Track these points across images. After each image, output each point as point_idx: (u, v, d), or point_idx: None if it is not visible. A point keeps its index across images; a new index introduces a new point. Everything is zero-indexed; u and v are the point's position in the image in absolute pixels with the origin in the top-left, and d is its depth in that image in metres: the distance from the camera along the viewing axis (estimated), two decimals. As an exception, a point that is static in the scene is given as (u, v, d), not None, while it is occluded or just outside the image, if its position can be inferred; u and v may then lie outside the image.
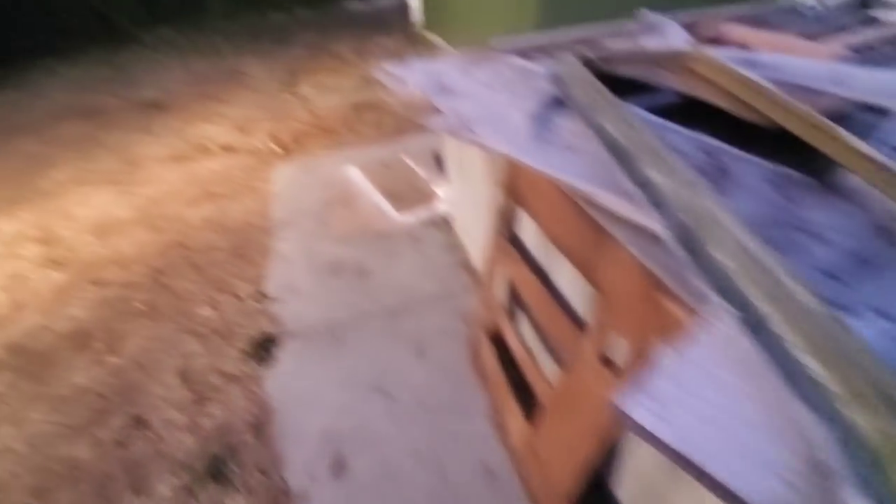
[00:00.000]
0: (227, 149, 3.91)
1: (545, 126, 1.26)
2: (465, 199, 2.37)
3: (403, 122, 4.04)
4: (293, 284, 2.37)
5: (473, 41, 5.13)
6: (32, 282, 2.50)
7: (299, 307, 2.23)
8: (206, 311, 2.22)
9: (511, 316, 1.68)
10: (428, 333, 2.05)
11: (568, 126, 1.26)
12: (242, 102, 4.82)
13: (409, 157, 3.40)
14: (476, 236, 2.28)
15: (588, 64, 1.45)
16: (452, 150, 2.43)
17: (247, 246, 2.68)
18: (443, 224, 2.71)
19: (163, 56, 7.37)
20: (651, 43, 1.76)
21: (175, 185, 3.35)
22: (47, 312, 2.28)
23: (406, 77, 1.96)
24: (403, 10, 8.28)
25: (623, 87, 1.35)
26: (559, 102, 1.37)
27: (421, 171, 3.21)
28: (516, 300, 1.66)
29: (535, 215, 1.36)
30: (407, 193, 2.99)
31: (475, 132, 1.29)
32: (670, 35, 1.81)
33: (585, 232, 1.12)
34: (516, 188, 1.45)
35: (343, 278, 2.39)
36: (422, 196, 2.95)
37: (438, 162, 3.32)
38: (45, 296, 2.39)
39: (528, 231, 1.47)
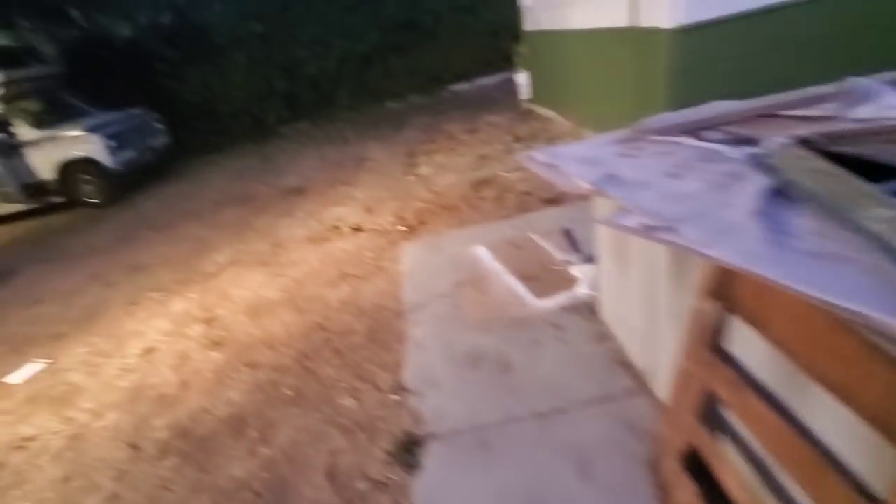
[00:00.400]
0: (358, 229, 4.15)
1: (778, 227, 1.04)
2: (618, 285, 2.14)
3: (524, 198, 4.00)
4: (431, 376, 2.27)
5: (592, 114, 5.13)
6: (195, 362, 2.72)
7: (440, 403, 2.11)
8: (348, 402, 2.19)
9: (713, 439, 1.37)
10: (589, 446, 1.78)
11: (810, 225, 1.03)
12: (369, 185, 5.20)
13: (537, 234, 3.29)
14: (634, 328, 2.02)
15: (807, 145, 1.23)
16: (603, 231, 2.26)
17: (382, 330, 2.69)
18: (585, 310, 2.48)
19: (300, 146, 8.41)
20: (866, 112, 1.48)
21: (314, 266, 3.59)
22: (208, 394, 2.43)
23: (558, 164, 1.87)
24: (510, 87, 8.65)
25: (859, 171, 1.10)
26: (781, 194, 1.15)
27: (552, 250, 3.06)
28: (719, 421, 1.36)
29: (764, 329, 1.11)
30: (540, 275, 2.84)
31: (681, 235, 1.11)
32: (888, 102, 1.52)
33: (867, 367, 0.85)
34: (730, 294, 1.22)
35: (483, 371, 2.24)
36: (557, 278, 2.78)
37: (570, 239, 3.15)
38: (207, 376, 2.57)
39: (750, 345, 1.21)
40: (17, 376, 2.90)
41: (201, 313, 3.23)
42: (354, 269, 3.42)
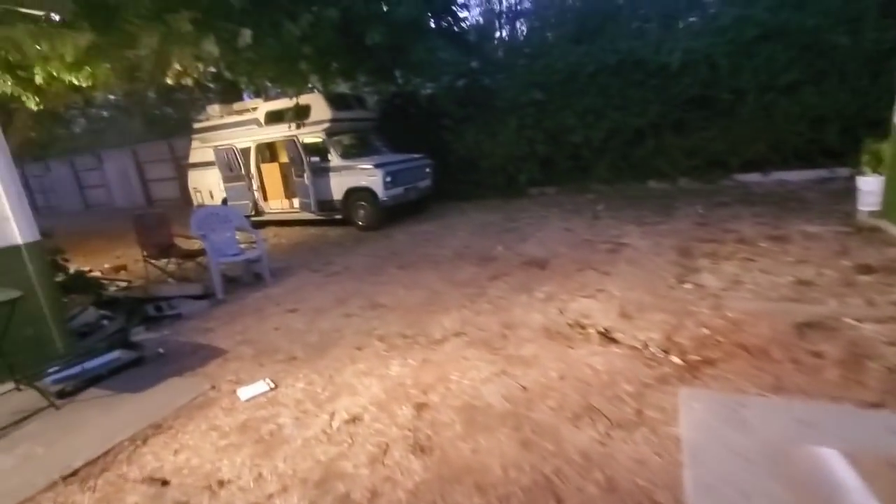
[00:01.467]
0: (608, 338, 3.23)
1: None
2: None
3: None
4: None
5: None
6: (393, 464, 2.22)
7: None
8: None
9: None
10: None
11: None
12: (625, 279, 4.24)
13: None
14: None
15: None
16: None
17: (646, 542, 1.69)
18: None
19: (546, 211, 8.04)
20: None
21: (550, 377, 2.81)
22: (395, 526, 1.86)
23: None
24: (830, 189, 6.54)
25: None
26: None
27: None
28: None
29: None
30: None
31: None
32: None
33: None
34: None
35: None
36: None
37: None
38: (399, 495, 2.02)
39: None
40: (246, 392, 2.94)
41: (415, 391, 2.80)
42: (605, 405, 2.50)
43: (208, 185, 10.42)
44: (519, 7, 13.64)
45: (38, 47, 5.24)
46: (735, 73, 8.29)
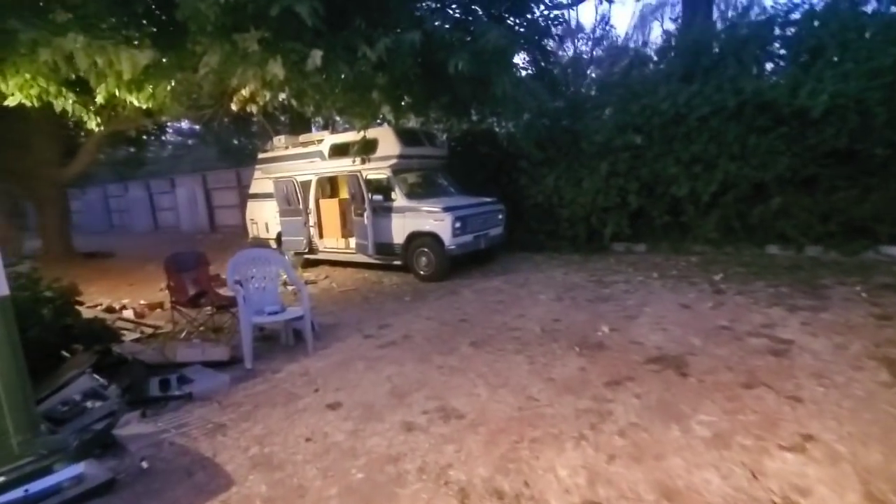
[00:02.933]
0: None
1: None
2: None
3: None
4: None
5: None
6: None
7: None
8: None
9: None
10: None
11: None
12: (833, 414, 2.73)
13: None
14: None
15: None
16: None
17: None
18: None
19: (639, 275, 6.64)
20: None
21: None
22: None
23: None
24: None
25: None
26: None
27: None
28: None
29: None
30: None
31: None
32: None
33: None
34: None
35: None
36: None
37: None
38: None
39: None
40: None
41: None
42: None
43: (265, 218, 9.87)
44: (615, 43, 12.64)
45: (96, 61, 4.72)
46: (893, 124, 6.67)
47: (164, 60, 5.35)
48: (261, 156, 9.98)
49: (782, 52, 7.98)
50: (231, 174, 17.85)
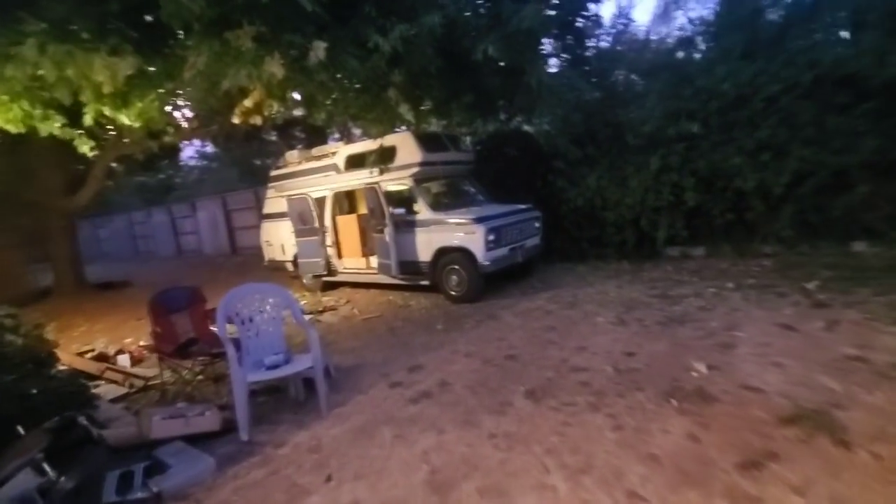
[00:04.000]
0: None
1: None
2: None
3: None
4: None
5: None
6: None
7: None
8: None
9: None
10: None
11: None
12: None
13: None
14: None
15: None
16: None
17: None
18: None
19: (710, 283, 5.60)
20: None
21: None
22: None
23: None
24: None
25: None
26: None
27: None
28: None
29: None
30: None
31: None
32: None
33: None
34: None
35: None
36: None
37: None
38: None
39: None
40: None
41: None
42: None
43: (280, 239, 9.18)
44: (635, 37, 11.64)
45: (66, 73, 4.06)
46: None
47: (149, 69, 4.68)
48: (273, 172, 9.33)
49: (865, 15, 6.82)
50: (249, 194, 17.43)
